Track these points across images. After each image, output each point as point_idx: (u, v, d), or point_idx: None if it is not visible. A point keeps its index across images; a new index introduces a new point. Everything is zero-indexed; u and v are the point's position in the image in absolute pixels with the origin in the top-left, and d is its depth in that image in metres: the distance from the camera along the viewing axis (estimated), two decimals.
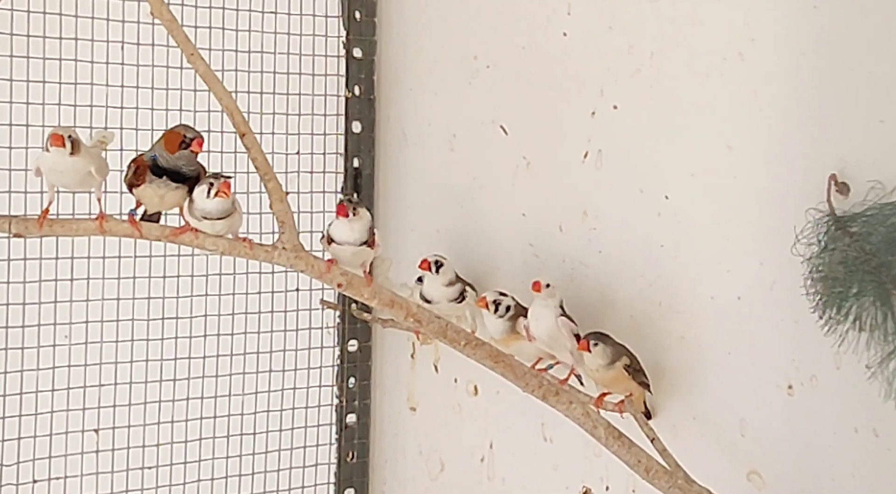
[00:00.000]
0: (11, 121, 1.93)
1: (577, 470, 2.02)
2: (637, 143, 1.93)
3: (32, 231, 1.69)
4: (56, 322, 2.00)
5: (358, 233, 1.85)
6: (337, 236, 1.85)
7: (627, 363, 1.82)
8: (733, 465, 1.80)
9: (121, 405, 2.06)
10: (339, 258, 1.84)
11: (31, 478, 1.98)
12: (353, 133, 2.28)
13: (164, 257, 2.08)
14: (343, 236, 1.85)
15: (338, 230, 1.85)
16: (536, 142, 2.08)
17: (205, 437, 2.15)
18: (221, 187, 1.67)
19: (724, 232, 1.82)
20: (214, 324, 2.16)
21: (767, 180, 1.76)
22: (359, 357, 2.31)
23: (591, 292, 1.99)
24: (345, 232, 1.85)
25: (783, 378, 1.75)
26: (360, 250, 1.85)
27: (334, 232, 1.86)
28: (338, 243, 1.85)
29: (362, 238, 1.85)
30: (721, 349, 1.83)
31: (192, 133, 1.70)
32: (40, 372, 1.98)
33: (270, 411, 2.21)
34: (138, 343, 2.08)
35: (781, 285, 1.73)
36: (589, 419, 1.80)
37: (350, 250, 1.84)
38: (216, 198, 1.67)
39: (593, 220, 1.99)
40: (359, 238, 1.85)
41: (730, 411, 1.82)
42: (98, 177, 1.70)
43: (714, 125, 1.83)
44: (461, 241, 2.20)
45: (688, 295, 1.87)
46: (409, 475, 2.30)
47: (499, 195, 2.14)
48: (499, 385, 2.00)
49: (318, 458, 2.27)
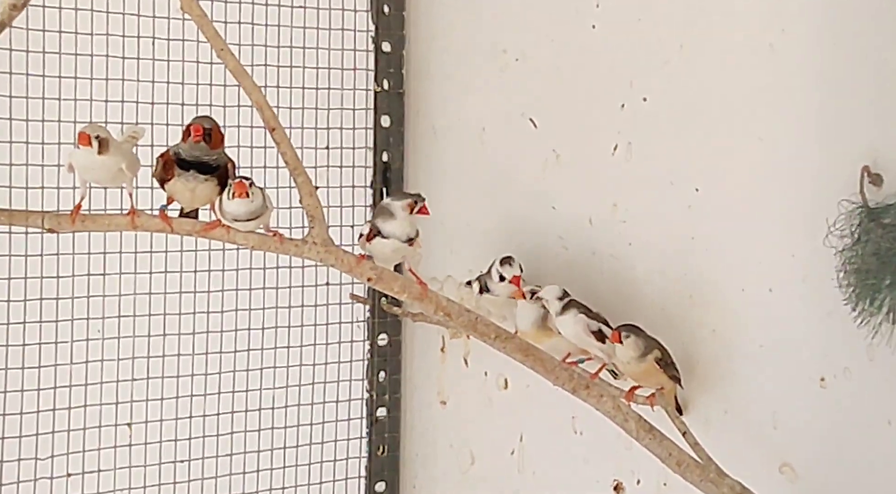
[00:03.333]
0: (44, 117, 1.94)
1: (608, 464, 2.02)
2: (667, 135, 1.92)
3: (65, 226, 1.70)
4: (89, 317, 2.01)
5: (408, 229, 1.86)
6: (387, 229, 1.86)
7: (659, 356, 1.82)
8: (765, 458, 1.80)
9: (153, 400, 2.07)
10: (379, 254, 1.85)
11: (66, 472, 1.99)
12: (382, 127, 2.28)
13: (195, 252, 2.09)
14: (395, 230, 1.86)
15: (389, 225, 1.86)
16: (566, 135, 2.07)
17: (236, 431, 2.16)
18: (235, 187, 1.67)
19: (755, 224, 1.81)
20: (246, 319, 2.16)
21: (799, 172, 1.76)
22: (389, 351, 2.31)
23: (621, 285, 1.99)
24: (397, 227, 1.85)
25: (815, 371, 1.74)
26: (402, 246, 1.86)
27: (384, 226, 1.86)
28: (384, 237, 1.85)
29: (410, 235, 1.86)
30: (753, 341, 1.82)
31: (194, 121, 1.71)
32: (74, 366, 1.99)
33: (301, 405, 2.22)
34: (170, 338, 2.09)
35: (813, 278, 1.72)
36: (620, 412, 1.80)
37: (393, 246, 1.85)
38: (236, 199, 1.68)
39: (623, 212, 1.99)
40: (407, 234, 1.86)
41: (762, 404, 1.81)
42: (129, 173, 1.71)
43: (745, 117, 1.82)
44: (490, 235, 2.20)
45: (719, 288, 1.86)
46: (440, 468, 2.30)
47: (528, 189, 2.13)
48: (529, 379, 2.00)
49: (349, 452, 2.28)
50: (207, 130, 1.69)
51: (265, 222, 1.74)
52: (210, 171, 1.70)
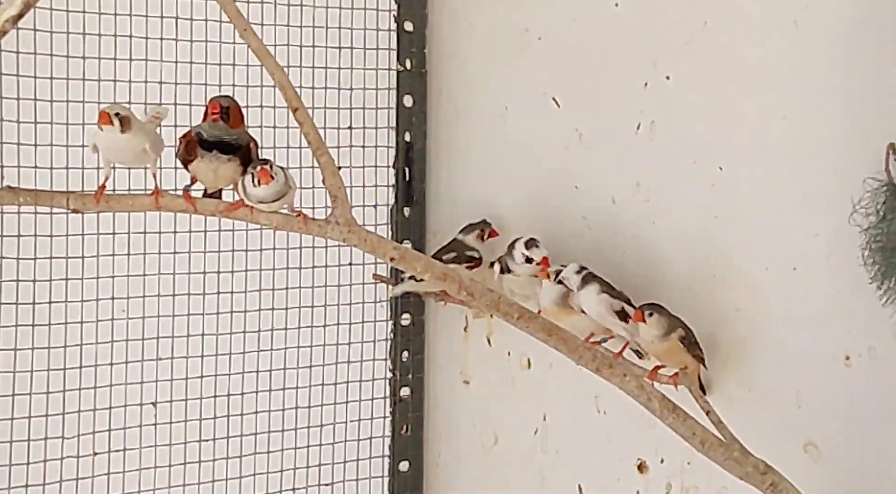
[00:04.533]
0: (68, 97, 1.95)
1: (631, 443, 2.02)
2: (690, 113, 1.92)
3: (90, 207, 1.70)
4: (114, 297, 2.02)
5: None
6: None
7: (683, 335, 1.82)
8: (790, 437, 1.79)
9: (178, 379, 2.08)
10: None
11: (92, 450, 2.01)
12: (404, 107, 2.28)
13: (218, 232, 2.10)
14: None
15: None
16: (589, 114, 2.07)
17: (261, 410, 2.17)
18: (259, 175, 1.68)
19: (779, 203, 1.81)
20: (269, 299, 2.17)
21: (823, 150, 1.75)
22: (412, 331, 2.32)
23: (644, 264, 1.98)
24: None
25: (840, 350, 1.73)
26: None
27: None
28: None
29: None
30: (777, 320, 1.81)
31: (212, 99, 1.71)
32: (99, 346, 2.00)
33: (325, 384, 2.23)
34: (194, 318, 2.09)
35: (838, 256, 1.72)
36: (643, 391, 1.79)
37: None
38: (261, 186, 1.68)
39: (646, 192, 1.98)
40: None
41: (786, 383, 1.81)
42: (153, 153, 1.71)
43: (768, 95, 1.81)
44: (514, 214, 2.20)
45: (743, 267, 1.86)
46: (463, 448, 2.31)
47: (551, 168, 2.13)
48: (552, 358, 2.00)
49: (373, 431, 2.28)
50: (225, 109, 1.69)
51: (288, 202, 1.74)
52: (232, 150, 1.70)
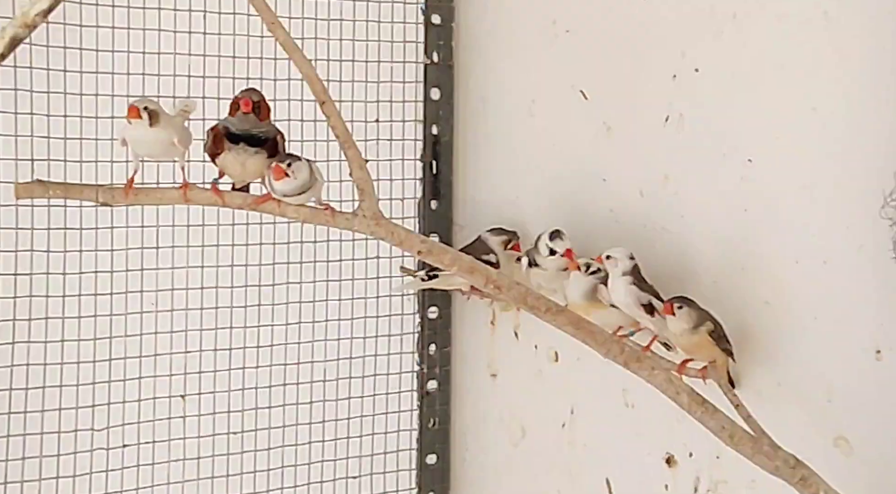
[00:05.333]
0: (98, 91, 1.96)
1: (659, 437, 2.01)
2: (719, 106, 1.90)
3: (119, 200, 1.71)
4: (143, 290, 2.03)
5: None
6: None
7: (711, 328, 1.81)
8: (820, 431, 1.78)
9: (206, 372, 2.09)
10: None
11: (122, 442, 2.02)
12: (431, 100, 2.28)
13: (246, 225, 2.10)
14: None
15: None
16: (617, 106, 2.06)
17: (288, 403, 2.17)
18: (273, 171, 1.68)
19: (809, 195, 1.79)
20: (296, 292, 2.18)
21: (854, 142, 1.73)
22: (439, 324, 2.32)
23: (673, 257, 1.97)
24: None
25: (871, 343, 1.72)
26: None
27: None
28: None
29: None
30: (807, 314, 1.80)
31: (242, 93, 1.71)
32: (128, 339, 2.02)
33: (352, 378, 2.23)
34: (222, 311, 2.10)
35: (869, 249, 1.70)
36: (672, 385, 1.79)
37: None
38: (277, 182, 1.69)
39: (675, 184, 1.97)
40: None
41: (816, 377, 1.80)
42: (181, 147, 1.72)
43: (798, 87, 1.80)
44: (541, 207, 2.19)
45: (772, 260, 1.84)
46: (491, 441, 2.31)
47: (579, 161, 2.12)
48: (579, 352, 2.00)
49: (400, 424, 2.29)
50: (256, 103, 1.70)
51: (316, 195, 1.75)
52: (260, 143, 1.71)
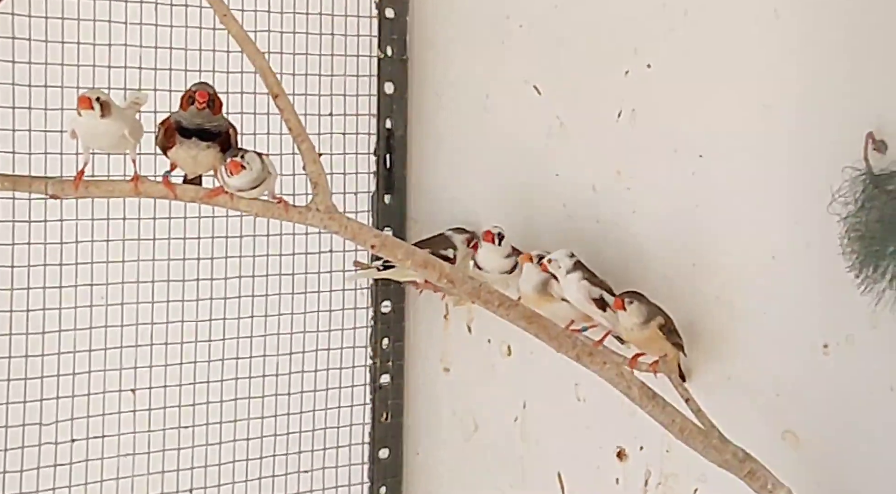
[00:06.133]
0: (46, 82, 1.94)
1: (611, 431, 2.02)
2: (671, 102, 1.92)
3: (69, 192, 1.70)
4: (93, 283, 2.01)
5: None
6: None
7: (662, 322, 1.82)
8: (768, 425, 1.80)
9: (157, 366, 2.08)
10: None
11: (70, 437, 2.00)
12: (385, 94, 2.28)
13: (198, 218, 2.09)
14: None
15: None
16: (570, 102, 2.07)
17: (240, 397, 2.16)
18: (229, 167, 1.68)
19: (759, 191, 1.81)
20: (249, 285, 2.17)
21: (803, 139, 1.75)
22: (392, 318, 2.32)
23: (625, 252, 1.99)
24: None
25: (818, 338, 1.74)
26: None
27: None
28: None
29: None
30: (756, 308, 1.82)
31: (197, 87, 1.70)
32: (77, 332, 2.00)
33: (305, 371, 2.22)
34: (174, 304, 2.09)
35: (817, 245, 1.72)
36: (623, 379, 1.80)
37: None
38: (232, 176, 1.68)
39: (627, 180, 1.98)
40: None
41: (764, 371, 1.82)
42: (132, 139, 1.71)
43: (749, 84, 1.81)
44: (494, 202, 2.20)
45: (722, 255, 1.86)
46: (443, 435, 2.31)
47: (532, 156, 2.13)
48: (532, 346, 2.00)
49: (353, 418, 2.28)
50: (211, 98, 1.69)
51: (269, 188, 1.74)
52: (212, 138, 1.70)
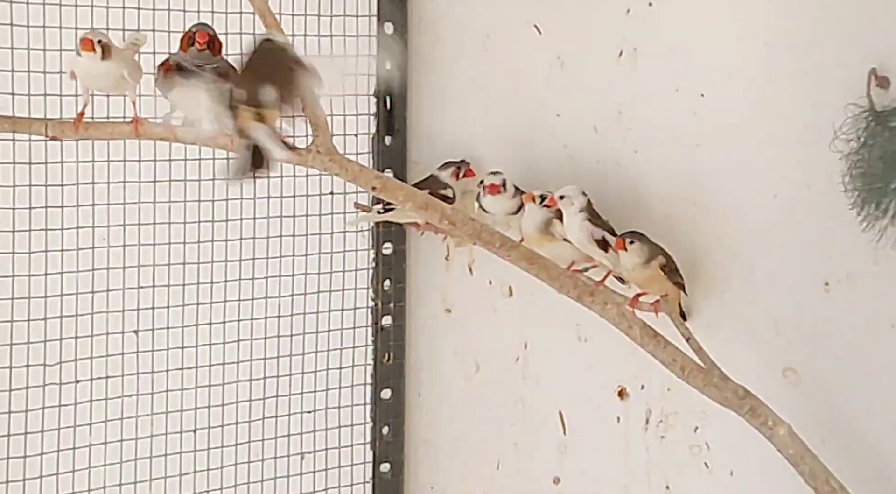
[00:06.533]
0: (45, 23, 1.92)
1: (612, 370, 2.04)
2: (672, 41, 1.91)
3: (69, 134, 1.70)
4: (94, 225, 2.01)
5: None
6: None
7: (663, 262, 1.83)
8: (769, 363, 1.81)
9: (159, 308, 2.08)
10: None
11: (74, 378, 2.01)
12: (385, 34, 2.26)
13: (198, 160, 2.08)
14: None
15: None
16: (570, 41, 2.05)
17: (242, 339, 2.17)
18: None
19: (760, 130, 1.81)
20: (250, 228, 2.16)
21: (805, 77, 1.75)
22: (393, 260, 2.31)
23: (626, 192, 1.99)
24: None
25: (820, 276, 1.75)
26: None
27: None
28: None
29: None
30: (757, 247, 1.83)
31: (196, 28, 1.69)
32: (80, 274, 2.00)
33: (307, 313, 2.22)
34: (175, 246, 2.08)
35: (819, 183, 1.72)
36: (624, 319, 1.81)
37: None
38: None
39: (628, 120, 1.98)
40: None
41: (765, 309, 1.82)
42: (131, 80, 1.71)
43: (750, 22, 1.81)
44: (495, 143, 2.19)
45: (723, 194, 1.86)
46: (445, 375, 2.32)
47: (533, 96, 2.12)
48: (533, 287, 2.00)
49: (355, 359, 2.29)
50: (211, 39, 1.68)
51: None
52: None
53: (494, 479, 2.24)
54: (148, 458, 2.08)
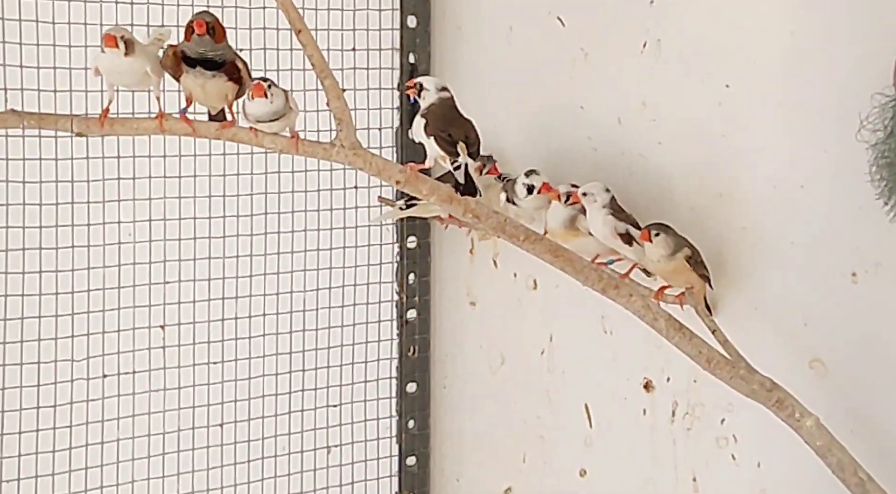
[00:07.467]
0: (70, 20, 1.93)
1: (637, 362, 2.03)
2: (696, 31, 1.90)
3: (94, 130, 1.70)
4: (120, 221, 2.02)
5: None
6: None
7: (689, 254, 1.82)
8: (796, 354, 1.80)
9: (185, 302, 2.09)
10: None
11: (101, 373, 2.02)
12: (408, 28, 2.26)
13: (223, 155, 2.09)
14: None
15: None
16: (594, 33, 2.05)
17: (268, 333, 2.18)
18: (253, 91, 1.69)
19: (786, 120, 1.80)
20: (274, 222, 2.17)
21: (831, 66, 1.73)
22: (418, 254, 2.32)
23: (650, 184, 1.98)
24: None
25: (847, 266, 1.74)
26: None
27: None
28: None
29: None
30: (783, 238, 1.82)
31: (195, 16, 1.70)
32: (106, 270, 2.01)
33: (332, 307, 2.23)
34: (200, 241, 2.10)
35: (845, 173, 1.71)
36: (649, 311, 1.80)
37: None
38: (255, 99, 1.69)
39: (652, 111, 1.97)
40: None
41: (792, 300, 1.82)
42: (155, 76, 1.72)
43: (775, 11, 1.80)
44: (519, 135, 2.19)
45: (749, 185, 1.85)
46: (470, 369, 2.32)
47: (556, 88, 2.12)
48: (558, 280, 2.01)
49: (380, 353, 2.30)
50: (210, 24, 1.69)
51: (290, 124, 1.74)
52: (216, 66, 1.70)
53: (520, 472, 2.24)
54: (175, 452, 2.10)
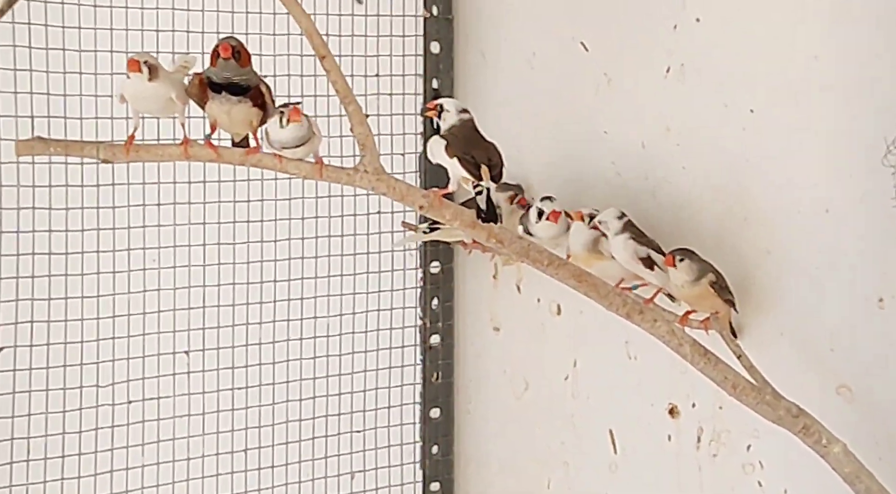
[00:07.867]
0: (96, 47, 1.95)
1: (662, 388, 2.02)
2: (720, 56, 1.90)
3: (120, 157, 1.71)
4: (146, 247, 2.03)
5: None
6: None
7: (713, 279, 1.81)
8: (822, 379, 1.79)
9: (210, 328, 2.10)
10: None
11: (126, 399, 2.03)
12: (431, 54, 2.27)
13: (247, 181, 2.10)
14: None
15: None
16: (617, 58, 2.05)
17: (292, 358, 2.18)
18: (291, 114, 1.68)
19: (811, 144, 1.79)
20: (298, 248, 2.18)
21: (856, 90, 1.73)
22: (441, 279, 2.32)
23: (674, 208, 1.98)
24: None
25: (873, 292, 1.73)
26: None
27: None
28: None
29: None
30: (809, 263, 1.81)
31: (220, 41, 1.71)
32: (131, 295, 2.02)
33: (356, 332, 2.24)
34: (224, 267, 2.10)
35: (871, 197, 1.70)
36: (674, 336, 1.79)
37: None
38: (290, 125, 1.68)
39: (676, 136, 1.97)
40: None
41: (818, 326, 1.80)
42: (180, 103, 1.72)
43: (799, 36, 1.79)
44: (543, 160, 2.19)
45: (774, 210, 1.85)
46: (494, 394, 2.32)
47: (580, 113, 2.12)
48: (582, 305, 2.00)
49: (404, 379, 2.30)
50: (235, 49, 1.70)
51: (313, 149, 1.74)
52: (241, 92, 1.70)
53: None
54: (200, 478, 2.10)
